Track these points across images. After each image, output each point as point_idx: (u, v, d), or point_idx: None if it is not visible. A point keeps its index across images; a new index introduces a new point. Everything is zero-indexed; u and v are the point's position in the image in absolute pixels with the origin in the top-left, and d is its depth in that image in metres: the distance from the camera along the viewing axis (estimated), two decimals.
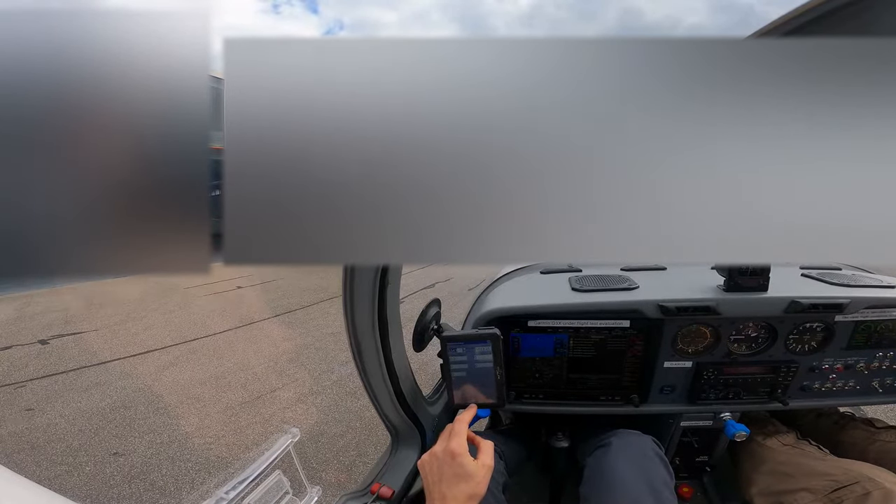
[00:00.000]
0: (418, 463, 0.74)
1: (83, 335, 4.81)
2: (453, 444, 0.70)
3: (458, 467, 0.67)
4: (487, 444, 0.73)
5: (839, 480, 0.92)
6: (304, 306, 5.56)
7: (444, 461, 0.69)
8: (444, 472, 0.68)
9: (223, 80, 0.22)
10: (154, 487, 2.32)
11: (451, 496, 0.65)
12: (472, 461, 0.69)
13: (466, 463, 0.68)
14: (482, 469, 0.68)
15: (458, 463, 0.68)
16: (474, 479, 0.66)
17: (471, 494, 0.65)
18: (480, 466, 0.68)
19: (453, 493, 0.65)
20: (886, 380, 1.11)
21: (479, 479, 0.67)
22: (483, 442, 0.74)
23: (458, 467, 0.67)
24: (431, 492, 0.68)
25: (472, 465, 0.68)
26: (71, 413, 3.12)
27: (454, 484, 0.66)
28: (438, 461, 0.70)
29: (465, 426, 0.75)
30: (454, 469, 0.67)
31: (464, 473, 0.67)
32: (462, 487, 0.66)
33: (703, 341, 1.09)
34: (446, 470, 0.68)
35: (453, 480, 0.66)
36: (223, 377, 3.56)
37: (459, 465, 0.67)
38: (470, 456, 0.70)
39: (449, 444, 0.70)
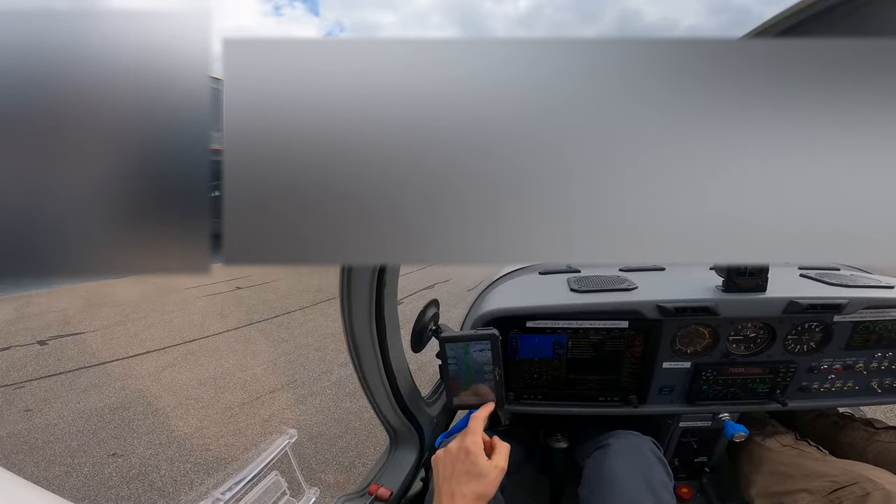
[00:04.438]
0: (432, 458, 0.73)
1: (82, 336, 4.80)
2: (468, 442, 0.69)
3: (471, 465, 0.67)
4: (503, 447, 0.73)
5: (838, 481, 0.92)
6: (303, 307, 5.56)
7: (457, 458, 0.69)
8: (456, 468, 0.67)
9: (222, 81, 0.22)
10: (153, 488, 2.31)
11: (461, 494, 0.64)
12: (486, 461, 0.68)
13: (479, 462, 0.67)
14: (494, 470, 0.68)
15: (470, 461, 0.67)
16: (485, 479, 0.66)
17: (480, 494, 0.65)
18: (493, 467, 0.68)
19: (462, 491, 0.65)
20: (885, 380, 1.11)
21: (490, 480, 0.66)
22: (500, 444, 0.73)
23: (470, 465, 0.67)
24: (440, 488, 0.68)
25: (485, 465, 0.67)
26: (69, 414, 3.11)
27: (465, 482, 0.66)
28: (452, 457, 0.69)
29: (480, 424, 0.74)
30: (466, 467, 0.67)
31: (475, 472, 0.66)
32: (472, 486, 0.65)
33: (702, 342, 1.09)
34: (458, 467, 0.67)
35: (464, 478, 0.66)
36: (222, 378, 3.55)
37: (472, 464, 0.67)
38: (484, 455, 0.69)
39: (464, 441, 0.70)
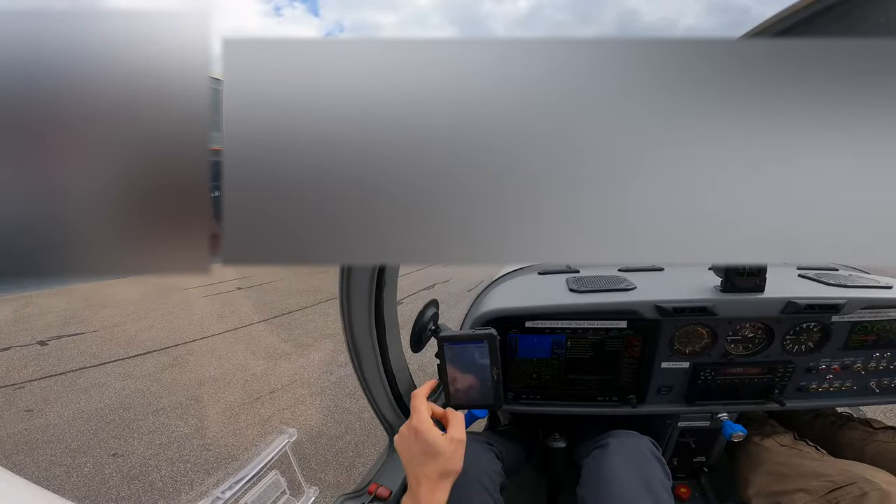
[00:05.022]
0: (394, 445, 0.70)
1: (82, 336, 4.80)
2: (414, 421, 0.66)
3: (424, 444, 0.64)
4: (457, 417, 0.70)
5: (836, 481, 0.92)
6: (303, 307, 5.56)
7: (410, 440, 0.66)
8: (413, 451, 0.65)
9: (222, 82, 0.22)
10: (153, 488, 2.31)
11: (424, 475, 0.62)
12: (439, 436, 0.65)
13: (431, 438, 0.64)
14: (451, 444, 0.65)
15: (423, 440, 0.64)
16: (443, 456, 0.63)
17: (442, 472, 0.62)
18: (449, 441, 0.65)
19: (424, 473, 0.62)
20: (883, 380, 1.11)
21: (448, 455, 0.63)
22: (452, 414, 0.71)
23: (423, 444, 0.64)
24: (407, 472, 0.65)
25: (439, 441, 0.64)
26: (70, 414, 3.11)
27: (423, 462, 0.63)
28: (406, 441, 0.67)
29: (422, 401, 0.70)
30: (420, 447, 0.64)
31: (431, 451, 0.63)
32: (432, 465, 0.62)
33: (701, 342, 1.10)
34: (413, 448, 0.65)
35: (421, 458, 0.63)
36: (222, 378, 3.55)
37: (424, 442, 0.64)
38: (436, 431, 0.66)
39: (410, 421, 0.67)
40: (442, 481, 0.62)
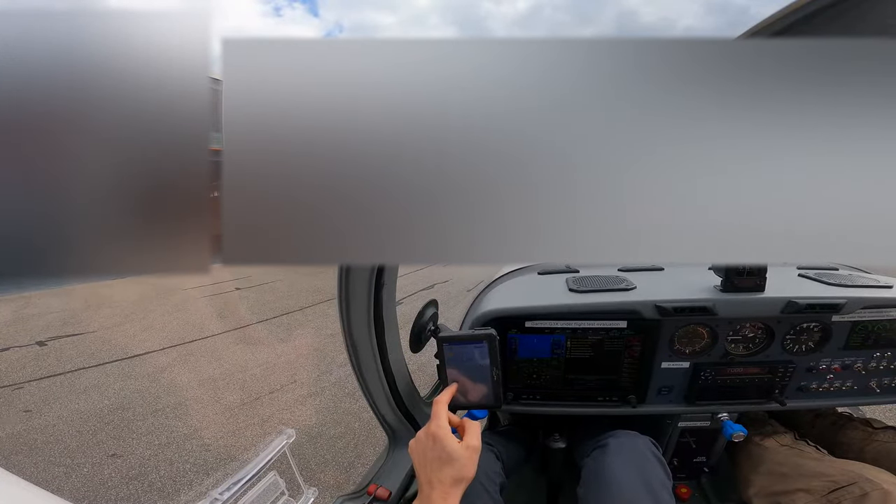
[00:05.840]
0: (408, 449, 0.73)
1: (81, 336, 4.79)
2: (433, 427, 0.69)
3: (441, 450, 0.66)
4: (473, 426, 0.72)
5: (837, 481, 0.92)
6: (303, 307, 5.56)
7: (427, 445, 0.68)
8: (428, 456, 0.67)
9: (221, 82, 0.22)
10: (152, 488, 2.31)
11: (437, 480, 0.64)
12: (456, 443, 0.67)
13: (449, 445, 0.66)
14: (467, 451, 0.67)
15: (440, 446, 0.66)
16: (459, 462, 0.65)
17: (456, 478, 0.64)
18: (465, 448, 0.67)
19: (438, 478, 0.64)
20: (884, 380, 1.11)
21: (463, 462, 0.65)
22: (469, 423, 0.72)
23: (440, 450, 0.66)
24: (419, 478, 0.67)
25: (456, 448, 0.66)
26: (69, 414, 3.11)
27: (438, 468, 0.65)
28: (422, 445, 0.69)
29: (443, 408, 0.73)
30: (436, 452, 0.66)
31: (446, 457, 0.65)
32: (446, 471, 0.64)
33: (701, 342, 1.10)
34: (429, 454, 0.67)
35: (436, 464, 0.65)
36: (221, 378, 3.55)
37: (442, 449, 0.66)
38: (453, 438, 0.68)
39: (430, 427, 0.70)
40: (455, 487, 0.64)
